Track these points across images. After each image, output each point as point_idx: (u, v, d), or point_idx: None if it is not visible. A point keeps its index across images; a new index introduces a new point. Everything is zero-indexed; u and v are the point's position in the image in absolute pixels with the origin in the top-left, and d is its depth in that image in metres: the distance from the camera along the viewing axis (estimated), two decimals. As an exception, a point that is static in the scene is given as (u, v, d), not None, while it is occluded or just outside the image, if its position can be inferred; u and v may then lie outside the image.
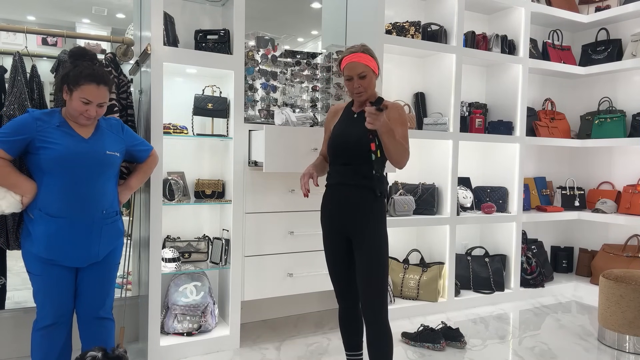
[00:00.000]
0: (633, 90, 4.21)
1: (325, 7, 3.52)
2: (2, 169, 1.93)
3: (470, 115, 3.88)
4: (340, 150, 2.12)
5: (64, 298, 2.02)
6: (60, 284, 2.00)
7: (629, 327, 2.88)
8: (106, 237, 2.06)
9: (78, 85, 1.94)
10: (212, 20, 3.09)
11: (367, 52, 2.10)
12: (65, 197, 1.95)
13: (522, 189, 3.96)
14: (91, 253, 2.02)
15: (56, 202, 1.94)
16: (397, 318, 3.38)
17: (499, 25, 4.09)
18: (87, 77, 1.95)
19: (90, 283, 2.07)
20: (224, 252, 2.82)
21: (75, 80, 1.94)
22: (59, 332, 2.04)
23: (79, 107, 1.96)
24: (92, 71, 1.98)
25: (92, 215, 2.00)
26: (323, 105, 3.22)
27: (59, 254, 1.96)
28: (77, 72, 1.96)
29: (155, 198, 2.58)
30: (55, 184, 1.94)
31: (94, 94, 1.96)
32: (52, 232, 1.94)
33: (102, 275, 2.10)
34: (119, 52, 2.76)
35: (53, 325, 2.02)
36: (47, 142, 1.94)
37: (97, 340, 2.10)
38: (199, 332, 2.80)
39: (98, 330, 2.12)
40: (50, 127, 1.97)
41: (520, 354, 2.87)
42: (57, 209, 1.94)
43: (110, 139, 2.09)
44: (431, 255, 3.78)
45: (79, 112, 1.97)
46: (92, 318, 2.10)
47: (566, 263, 4.56)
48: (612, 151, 4.36)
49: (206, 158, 3.08)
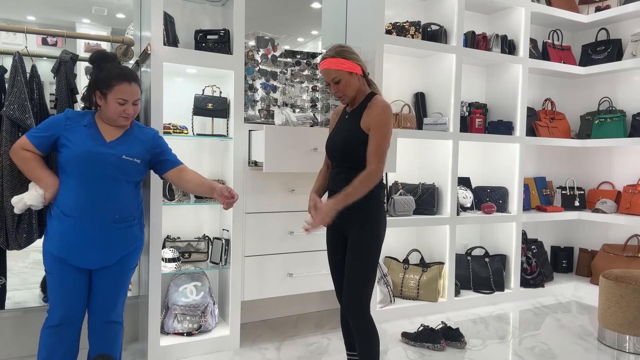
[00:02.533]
0: (633, 90, 4.21)
1: (325, 7, 3.52)
2: (30, 162, 1.98)
3: (470, 115, 3.88)
4: (331, 152, 2.15)
5: (74, 299, 2.01)
6: (70, 284, 1.99)
7: (629, 327, 2.88)
8: (118, 241, 2.04)
9: (111, 87, 1.96)
10: (212, 20, 3.09)
11: (340, 55, 2.04)
12: (78, 197, 1.95)
13: (522, 189, 3.96)
14: (101, 256, 2.01)
15: (70, 201, 1.96)
16: (397, 318, 3.38)
17: (499, 25, 4.09)
18: (118, 77, 1.97)
19: (101, 286, 2.06)
20: (224, 252, 2.82)
21: (107, 83, 1.96)
22: (66, 332, 2.02)
23: (116, 108, 1.98)
24: (120, 71, 2.00)
25: (103, 218, 1.98)
26: (323, 105, 3.22)
27: (69, 253, 1.96)
28: (106, 75, 1.98)
29: (155, 198, 2.58)
30: (71, 183, 1.96)
31: (128, 93, 1.98)
32: (64, 230, 1.95)
33: (113, 279, 2.08)
34: (119, 52, 2.76)
35: (61, 325, 2.01)
36: (69, 141, 1.97)
37: (104, 343, 2.09)
38: (199, 332, 2.80)
39: (106, 333, 2.11)
40: (78, 126, 2.00)
41: (520, 354, 2.87)
42: (70, 208, 1.96)
43: (134, 146, 2.08)
44: (431, 255, 3.78)
45: (117, 114, 1.99)
46: (102, 322, 2.09)
47: (566, 263, 4.56)
48: (612, 151, 4.36)
49: (206, 158, 3.08)
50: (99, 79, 1.99)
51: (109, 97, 1.97)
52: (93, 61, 2.07)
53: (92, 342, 2.11)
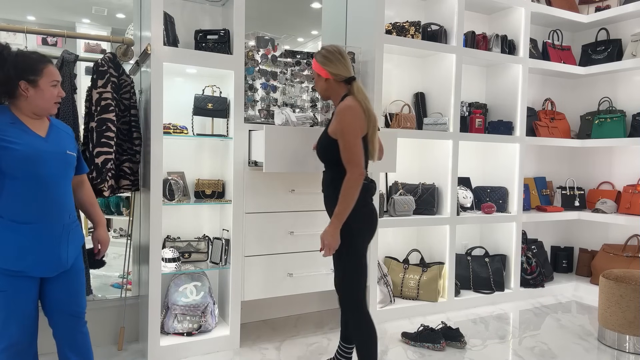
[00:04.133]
0: (633, 90, 4.21)
1: (325, 7, 3.52)
2: None
3: (470, 115, 3.88)
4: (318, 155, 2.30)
5: (30, 313, 1.83)
6: (27, 298, 1.81)
7: (629, 327, 2.88)
8: (73, 242, 1.91)
9: (40, 72, 1.79)
10: (212, 20, 3.09)
11: (315, 55, 2.22)
12: (33, 202, 1.77)
13: (522, 189, 3.96)
14: (62, 260, 1.86)
15: (23, 207, 1.77)
16: (397, 318, 3.38)
17: (499, 25, 4.09)
18: (42, 60, 1.81)
19: (61, 293, 1.90)
20: (224, 252, 2.82)
21: (33, 68, 1.78)
22: (27, 350, 1.84)
23: (52, 93, 1.82)
24: (37, 54, 1.83)
25: (61, 220, 1.84)
26: (323, 105, 3.22)
27: (29, 264, 1.78)
28: (26, 60, 1.79)
29: (155, 198, 2.58)
30: (20, 187, 1.76)
31: (56, 73, 1.84)
32: (22, 240, 1.76)
33: (73, 283, 1.94)
34: (119, 52, 2.76)
35: (19, 344, 1.80)
36: (5, 142, 1.74)
37: (83, 352, 1.98)
38: (199, 332, 2.80)
39: (82, 341, 1.98)
40: (4, 124, 1.77)
41: (520, 354, 2.87)
42: (26, 214, 1.77)
43: (67, 139, 1.94)
44: (431, 255, 3.78)
45: (53, 99, 1.83)
46: (76, 331, 1.95)
47: (566, 263, 4.55)
48: (612, 151, 4.36)
49: (206, 158, 3.08)
50: (21, 67, 1.76)
51: (40, 82, 1.78)
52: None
53: (66, 352, 1.95)
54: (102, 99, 2.51)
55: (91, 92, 2.54)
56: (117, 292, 3.00)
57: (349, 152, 2.02)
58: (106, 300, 2.89)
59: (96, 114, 2.50)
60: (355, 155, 2.01)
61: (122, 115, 2.66)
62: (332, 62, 2.16)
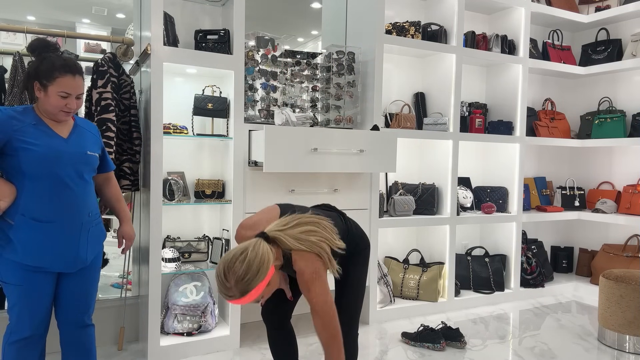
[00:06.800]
0: (633, 90, 4.21)
1: (325, 7, 3.52)
2: None
3: (470, 115, 3.88)
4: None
5: (45, 307, 1.89)
6: (43, 293, 1.87)
7: (629, 327, 2.88)
8: (93, 240, 1.96)
9: (53, 79, 1.80)
10: (212, 20, 3.09)
11: (246, 292, 1.74)
12: (52, 201, 1.82)
13: (522, 189, 3.96)
14: (81, 257, 1.91)
15: (42, 206, 1.81)
16: (397, 318, 3.38)
17: (499, 25, 4.09)
18: (62, 69, 1.81)
19: (75, 289, 1.96)
20: (224, 251, 2.82)
21: (49, 74, 1.80)
22: (36, 344, 1.90)
23: (57, 102, 1.82)
24: (64, 62, 1.83)
25: (80, 219, 1.88)
26: (323, 105, 3.22)
27: (47, 261, 1.83)
28: (49, 65, 1.81)
29: (155, 198, 2.58)
30: (39, 187, 1.81)
31: (72, 86, 1.83)
32: (40, 237, 1.81)
33: (88, 281, 1.99)
34: (119, 52, 2.76)
35: (31, 337, 1.87)
36: (26, 143, 1.79)
37: (82, 350, 2.02)
38: (199, 332, 2.80)
39: (84, 339, 2.02)
40: (26, 126, 1.81)
41: (520, 354, 2.87)
42: (44, 213, 1.81)
43: (90, 139, 1.98)
44: (431, 255, 3.78)
45: (58, 108, 1.83)
46: (76, 326, 2.00)
47: (566, 263, 4.56)
48: (612, 151, 4.36)
49: (206, 158, 3.08)
50: (40, 69, 1.81)
51: (49, 89, 1.80)
52: (34, 49, 1.88)
53: (67, 349, 2.01)
54: (102, 99, 2.52)
55: (91, 92, 2.54)
56: (117, 292, 3.00)
57: (321, 293, 1.82)
58: (106, 300, 2.89)
59: (96, 114, 2.51)
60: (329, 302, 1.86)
61: (122, 115, 2.66)
62: (257, 275, 1.63)
